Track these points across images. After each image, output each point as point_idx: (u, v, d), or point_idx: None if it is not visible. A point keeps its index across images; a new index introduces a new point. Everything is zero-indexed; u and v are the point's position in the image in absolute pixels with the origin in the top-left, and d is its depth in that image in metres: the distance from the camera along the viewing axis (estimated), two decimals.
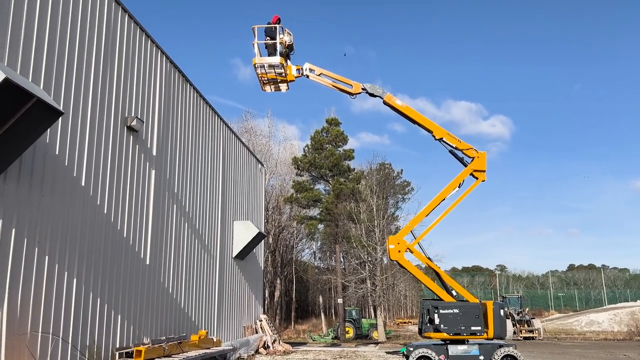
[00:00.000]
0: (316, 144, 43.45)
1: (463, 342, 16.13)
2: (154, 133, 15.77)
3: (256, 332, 25.18)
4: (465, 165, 17.65)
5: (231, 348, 19.23)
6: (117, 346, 13.02)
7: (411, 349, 16.29)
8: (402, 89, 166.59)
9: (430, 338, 16.51)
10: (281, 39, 17.77)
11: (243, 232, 23.43)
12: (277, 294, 55.76)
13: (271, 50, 17.97)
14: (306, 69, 18.39)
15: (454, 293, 16.66)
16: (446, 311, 16.09)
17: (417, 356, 16.00)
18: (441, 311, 16.08)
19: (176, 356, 14.18)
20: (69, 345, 11.09)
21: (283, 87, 18.96)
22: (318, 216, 45.58)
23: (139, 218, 14.64)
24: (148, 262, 15.03)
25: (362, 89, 18.24)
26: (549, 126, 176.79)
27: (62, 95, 11.36)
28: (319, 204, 43.74)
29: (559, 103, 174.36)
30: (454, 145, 17.86)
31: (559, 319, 51.49)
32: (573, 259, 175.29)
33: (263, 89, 18.95)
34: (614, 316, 45.29)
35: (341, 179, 41.81)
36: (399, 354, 21.72)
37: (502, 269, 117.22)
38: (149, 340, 14.18)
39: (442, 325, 15.97)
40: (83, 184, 12.04)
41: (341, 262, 46.73)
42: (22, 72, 10.14)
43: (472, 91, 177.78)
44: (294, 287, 61.54)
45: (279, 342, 25.84)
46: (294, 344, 30.87)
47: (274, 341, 25.34)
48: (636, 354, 23.93)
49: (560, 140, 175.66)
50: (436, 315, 16.02)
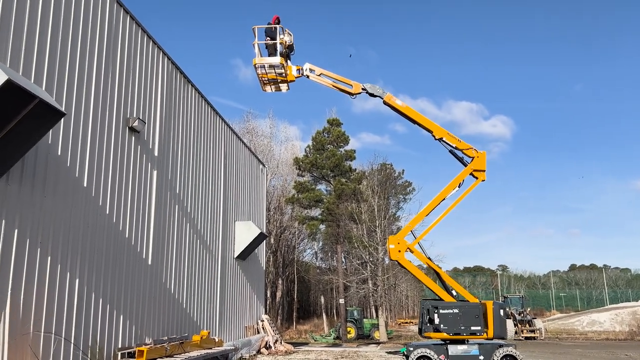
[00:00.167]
0: (317, 145, 43.50)
1: (463, 342, 16.13)
2: (156, 134, 15.81)
3: (258, 333, 25.21)
4: (465, 165, 17.65)
5: (233, 348, 19.25)
6: (119, 346, 13.05)
7: (411, 349, 16.29)
8: (402, 89, 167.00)
9: (430, 338, 16.51)
10: (281, 39, 17.80)
11: (245, 233, 23.45)
12: (278, 294, 55.78)
13: (271, 50, 17.99)
14: (306, 69, 18.42)
15: (454, 293, 16.66)
16: (446, 311, 16.09)
17: (417, 356, 16.00)
18: (441, 311, 16.08)
19: (178, 356, 14.19)
20: (72, 345, 11.13)
21: (283, 87, 19.00)
22: (319, 216, 45.61)
23: (140, 218, 14.67)
24: (150, 262, 15.06)
25: (362, 89, 18.26)
26: (550, 126, 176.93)
27: (64, 96, 11.40)
28: (320, 204, 43.78)
29: (560, 103, 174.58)
30: (454, 145, 17.87)
31: (561, 319, 51.48)
32: (574, 259, 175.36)
33: (263, 89, 18.99)
34: (615, 316, 45.26)
35: (342, 180, 41.84)
36: (399, 353, 21.73)
37: (503, 269, 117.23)
38: (151, 341, 14.20)
39: (442, 325, 15.98)
40: (85, 184, 12.07)
41: (343, 262, 46.78)
42: (25, 73, 10.18)
43: (473, 91, 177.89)
44: (296, 287, 61.52)
45: (280, 342, 25.86)
46: (295, 344, 30.90)
47: (276, 341, 25.36)
48: (638, 354, 23.92)
49: (561, 140, 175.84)
50: (436, 315, 16.02)
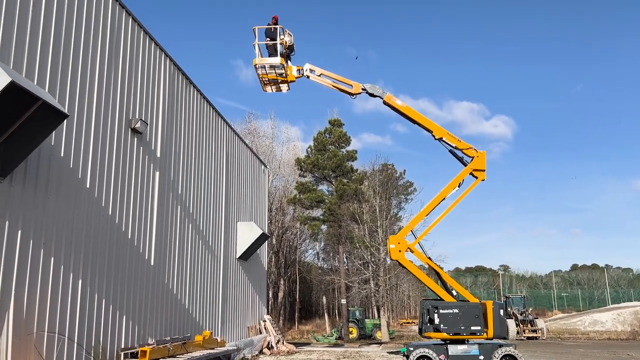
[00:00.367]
0: (319, 145, 43.55)
1: (463, 341, 16.16)
2: (158, 135, 15.87)
3: (260, 333, 25.26)
4: (465, 165, 17.68)
5: (235, 348, 19.31)
6: (122, 346, 13.11)
7: (411, 349, 16.31)
8: (403, 89, 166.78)
9: (430, 338, 16.54)
10: (281, 39, 17.86)
11: (247, 233, 23.50)
12: (280, 294, 55.81)
13: (272, 51, 18.05)
14: (306, 69, 18.48)
15: (454, 293, 16.68)
16: (446, 311, 16.11)
17: (417, 356, 16.02)
18: (441, 311, 16.10)
19: (181, 356, 14.25)
20: (75, 345, 11.19)
21: (284, 87, 19.05)
22: (321, 217, 45.65)
23: (143, 219, 14.73)
24: (152, 262, 15.13)
25: (362, 89, 18.29)
26: (551, 126, 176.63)
27: (66, 97, 11.47)
28: (322, 204, 43.82)
29: (561, 103, 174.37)
30: (454, 145, 17.90)
31: (563, 319, 51.46)
32: (576, 259, 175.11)
33: (264, 89, 19.05)
34: (617, 316, 45.22)
35: (344, 180, 41.89)
36: (399, 353, 21.77)
37: (505, 269, 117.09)
38: (153, 341, 14.27)
39: (442, 325, 16.00)
40: (88, 185, 12.14)
41: (344, 262, 46.78)
42: (28, 75, 10.25)
43: (473, 91, 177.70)
44: (298, 287, 61.55)
45: (282, 343, 25.91)
46: (297, 344, 30.94)
47: (278, 341, 25.41)
48: (639, 354, 23.93)
49: (562, 140, 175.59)
50: (436, 315, 16.04)
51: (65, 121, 10.89)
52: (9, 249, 9.56)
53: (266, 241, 27.01)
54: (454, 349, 16.00)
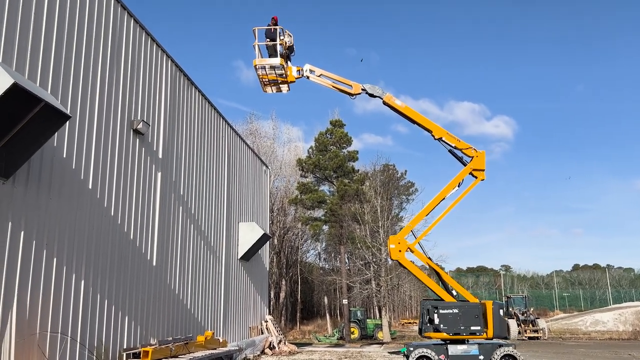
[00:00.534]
0: (320, 146, 43.57)
1: (463, 341, 16.18)
2: (160, 136, 15.92)
3: (262, 333, 25.30)
4: (465, 165, 17.70)
5: (237, 348, 19.35)
6: (125, 347, 13.16)
7: (411, 349, 16.34)
8: (404, 90, 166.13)
9: (430, 338, 16.56)
10: (281, 40, 17.93)
11: (248, 234, 23.54)
12: (282, 295, 55.84)
13: (272, 51, 18.12)
14: (306, 70, 18.53)
15: (454, 293, 16.70)
16: (446, 311, 16.13)
17: (417, 356, 16.03)
18: (441, 311, 16.11)
19: (183, 357, 14.30)
20: (78, 345, 11.24)
21: (284, 88, 19.11)
22: (323, 217, 45.67)
23: (145, 220, 14.78)
24: (154, 263, 15.17)
25: (362, 89, 18.33)
26: (552, 126, 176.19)
27: (69, 99, 11.53)
28: (323, 205, 43.84)
29: (562, 103, 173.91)
30: (453, 145, 17.92)
31: (564, 319, 51.38)
32: (577, 259, 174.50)
33: (264, 90, 19.12)
34: (619, 316, 45.14)
35: (345, 180, 41.92)
36: (399, 353, 21.80)
37: (506, 269, 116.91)
38: (155, 341, 14.31)
39: (442, 325, 16.01)
40: (90, 186, 12.19)
41: (346, 263, 46.80)
42: (30, 76, 10.30)
43: (474, 92, 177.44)
44: (299, 288, 61.60)
45: (284, 343, 25.95)
46: (299, 345, 30.96)
47: (280, 342, 25.45)
48: None
49: (563, 140, 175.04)
50: (436, 315, 16.06)
51: (68, 122, 10.95)
52: (12, 249, 9.61)
53: (268, 242, 27.06)
54: (453, 349, 16.02)
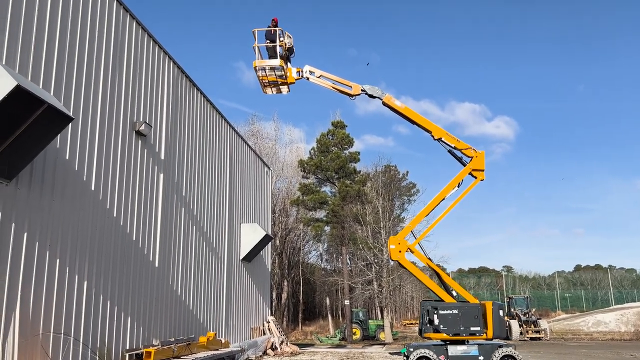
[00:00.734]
0: (322, 147, 43.62)
1: (463, 342, 16.19)
2: (162, 137, 15.97)
3: (264, 334, 25.34)
4: (464, 165, 17.71)
5: (239, 349, 19.39)
6: (127, 347, 13.21)
7: (411, 350, 16.36)
8: (405, 91, 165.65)
9: (430, 339, 16.57)
10: (281, 41, 18.00)
11: (250, 235, 23.59)
12: (284, 295, 55.90)
13: (272, 53, 18.19)
14: (306, 71, 18.59)
15: (454, 293, 16.72)
16: (445, 312, 16.12)
17: (416, 357, 15.99)
18: (440, 312, 16.10)
19: (185, 357, 14.35)
20: (80, 345, 11.28)
21: (284, 89, 19.17)
22: (324, 218, 45.70)
23: (147, 221, 14.83)
24: (157, 264, 15.22)
25: (362, 90, 18.36)
26: (553, 127, 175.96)
27: (71, 101, 11.58)
28: (325, 206, 43.87)
29: (562, 103, 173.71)
30: (453, 145, 17.94)
31: (566, 320, 51.32)
32: (579, 260, 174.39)
33: (264, 91, 19.19)
34: (621, 316, 45.08)
35: (347, 181, 41.96)
36: (399, 354, 21.83)
37: (508, 269, 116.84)
38: (158, 342, 14.35)
39: (442, 326, 15.99)
40: (93, 188, 12.24)
41: (348, 263, 46.81)
42: (33, 78, 10.36)
43: (475, 92, 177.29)
44: (301, 288, 61.64)
45: (286, 344, 25.98)
46: (301, 345, 31.02)
47: (282, 342, 25.49)
48: None
49: (564, 140, 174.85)
50: (435, 316, 16.07)
51: (70, 124, 10.99)
52: (15, 251, 9.66)
53: (270, 242, 27.10)
54: (453, 350, 16.03)
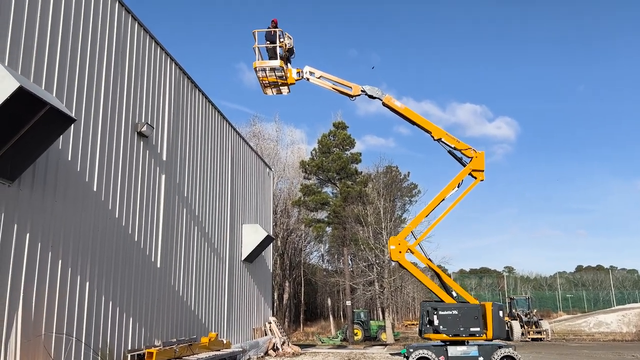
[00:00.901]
0: (323, 148, 43.65)
1: (462, 343, 16.20)
2: (164, 138, 16.00)
3: (265, 334, 25.36)
4: (464, 165, 17.71)
5: (241, 350, 19.41)
6: (129, 348, 13.23)
7: (411, 350, 16.37)
8: (406, 92, 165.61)
9: (429, 339, 16.57)
10: (281, 42, 18.03)
11: (252, 235, 23.62)
12: (285, 296, 55.89)
13: (272, 54, 18.23)
14: (306, 72, 18.63)
15: (454, 294, 16.74)
16: (445, 312, 16.13)
17: (416, 357, 15.99)
18: (440, 312, 16.11)
19: (187, 358, 14.38)
20: (83, 346, 11.31)
21: (284, 90, 19.20)
22: (326, 219, 45.72)
23: (149, 222, 14.86)
24: (159, 265, 15.25)
25: (362, 91, 18.38)
26: (554, 127, 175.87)
27: (74, 102, 11.61)
28: (326, 206, 43.89)
29: (563, 104, 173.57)
30: (453, 146, 17.94)
31: (567, 320, 51.29)
32: (581, 260, 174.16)
33: (264, 92, 19.23)
34: (622, 317, 45.05)
35: (348, 182, 41.99)
36: (399, 355, 21.83)
37: (509, 270, 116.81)
38: (160, 343, 14.37)
39: (442, 327, 16.00)
40: (95, 189, 12.27)
41: (349, 264, 46.81)
42: (36, 80, 10.38)
43: (476, 93, 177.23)
44: (303, 289, 61.62)
45: (288, 344, 26.00)
46: (302, 346, 31.04)
47: (283, 343, 25.51)
48: None
49: (565, 141, 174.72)
50: (435, 317, 16.08)
51: (73, 125, 11.02)
52: (17, 251, 9.69)
53: (271, 243, 27.12)
54: (453, 350, 16.04)
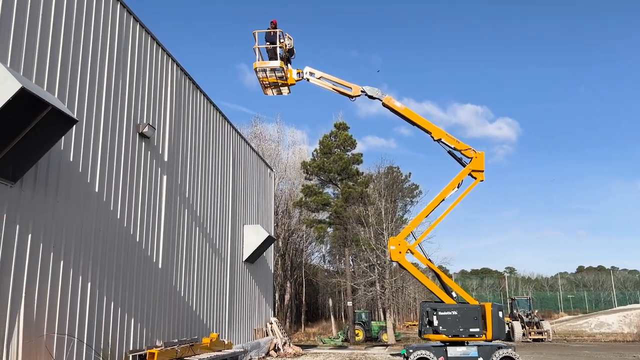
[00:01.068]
0: (325, 148, 43.66)
1: (462, 343, 16.18)
2: (166, 139, 16.03)
3: (267, 335, 25.38)
4: (464, 166, 17.66)
5: (242, 350, 19.41)
6: (131, 348, 13.25)
7: (410, 351, 16.36)
8: (407, 92, 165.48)
9: (429, 340, 16.56)
10: (281, 43, 18.05)
11: (253, 236, 23.63)
12: (287, 297, 55.90)
13: (272, 54, 18.22)
14: (306, 72, 18.62)
15: (454, 295, 16.73)
16: (445, 313, 16.09)
17: (416, 358, 15.97)
18: (440, 313, 16.07)
19: (188, 358, 14.36)
20: (84, 346, 11.34)
21: (284, 90, 19.20)
22: (327, 220, 45.72)
23: (151, 223, 14.89)
24: (160, 265, 15.27)
25: (362, 91, 18.35)
26: (555, 128, 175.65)
27: (75, 103, 11.64)
28: (328, 207, 43.89)
29: (564, 104, 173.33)
30: (453, 146, 17.90)
31: (569, 321, 51.34)
32: (582, 261, 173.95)
33: (265, 92, 19.24)
34: (623, 318, 45.04)
35: (350, 183, 41.99)
36: (399, 355, 21.83)
37: (511, 271, 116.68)
38: (161, 343, 14.38)
39: (441, 327, 15.97)
40: (97, 190, 12.30)
41: (350, 265, 46.86)
42: (38, 81, 10.41)
43: (477, 94, 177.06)
44: (304, 290, 61.64)
45: (289, 345, 26.02)
46: (304, 347, 31.05)
47: (284, 344, 25.52)
48: None
49: (565, 141, 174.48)
50: (435, 317, 16.07)
51: (74, 126, 11.05)
52: (19, 252, 9.72)
53: (272, 244, 27.13)
54: (453, 351, 16.00)
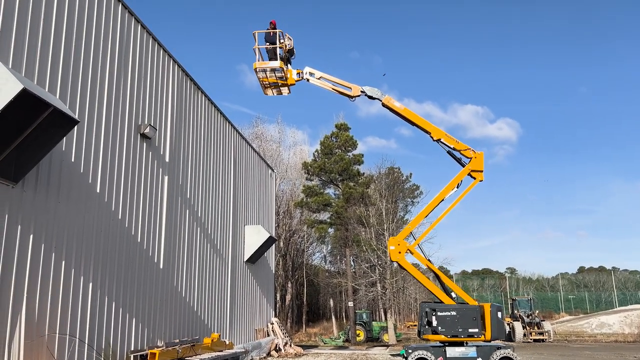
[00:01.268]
0: (326, 149, 43.71)
1: (461, 344, 16.19)
2: (167, 140, 16.05)
3: (268, 335, 25.39)
4: (463, 166, 17.68)
5: (243, 351, 19.43)
6: (132, 348, 13.28)
7: (410, 351, 16.38)
8: (407, 93, 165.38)
9: (428, 340, 16.57)
10: (281, 43, 18.08)
11: (254, 236, 23.66)
12: (288, 297, 55.91)
13: (272, 54, 18.26)
14: (306, 72, 18.66)
15: (453, 295, 16.75)
16: (444, 313, 16.11)
17: (415, 358, 16.00)
18: (439, 313, 16.09)
19: (189, 359, 14.38)
20: (86, 346, 11.36)
21: (284, 90, 19.25)
22: (328, 220, 45.77)
23: (152, 223, 14.91)
24: (161, 266, 15.30)
25: (361, 91, 18.39)
26: (555, 128, 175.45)
27: (77, 104, 11.66)
28: (329, 208, 43.94)
29: (564, 105, 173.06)
30: (452, 146, 17.92)
31: (570, 321, 51.29)
32: (583, 261, 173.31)
33: (265, 92, 19.29)
34: (624, 318, 45.00)
35: (351, 183, 42.02)
36: (399, 356, 21.84)
37: (512, 271, 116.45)
38: (162, 343, 14.42)
39: (440, 328, 15.99)
40: (98, 190, 12.32)
41: (351, 265, 46.87)
42: (39, 82, 10.44)
43: (477, 94, 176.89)
44: (305, 290, 61.65)
45: (290, 345, 26.04)
46: (305, 347, 31.07)
47: (286, 344, 25.54)
48: None
49: (566, 142, 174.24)
50: (434, 318, 16.09)
51: (76, 127, 11.08)
52: (21, 253, 9.74)
53: (273, 244, 27.15)
54: (452, 351, 16.02)
